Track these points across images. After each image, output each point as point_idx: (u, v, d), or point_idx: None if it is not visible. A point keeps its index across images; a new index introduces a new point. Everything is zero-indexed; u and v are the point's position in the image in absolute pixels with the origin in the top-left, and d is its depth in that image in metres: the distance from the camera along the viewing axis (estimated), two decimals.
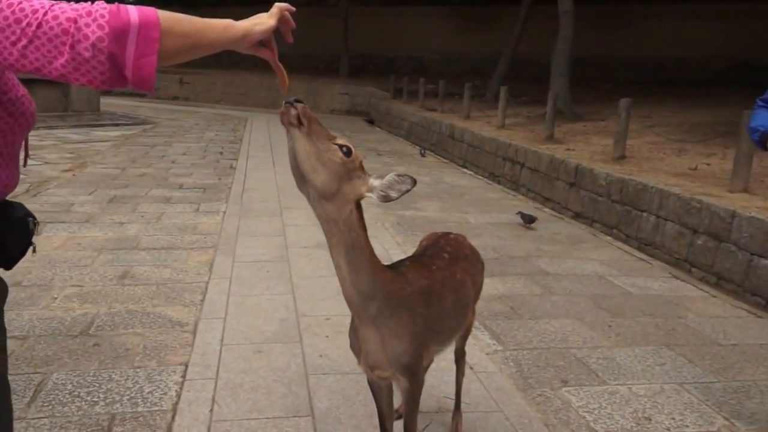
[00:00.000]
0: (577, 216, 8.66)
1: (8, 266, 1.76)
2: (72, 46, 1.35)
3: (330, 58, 31.17)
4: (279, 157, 12.93)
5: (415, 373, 2.47)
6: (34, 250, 1.85)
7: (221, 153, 13.33)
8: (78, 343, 4.11)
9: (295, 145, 2.04)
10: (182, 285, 5.31)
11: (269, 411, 3.39)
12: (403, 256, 6.36)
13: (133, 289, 5.16)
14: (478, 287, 3.05)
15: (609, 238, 7.69)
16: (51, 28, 1.35)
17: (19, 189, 8.37)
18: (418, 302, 2.42)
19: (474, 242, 7.10)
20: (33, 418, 3.21)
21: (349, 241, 2.18)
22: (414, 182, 2.12)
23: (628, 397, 3.77)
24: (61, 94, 17.66)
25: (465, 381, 3.62)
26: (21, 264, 5.17)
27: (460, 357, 3.32)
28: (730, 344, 4.63)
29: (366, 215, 2.22)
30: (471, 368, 3.99)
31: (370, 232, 2.26)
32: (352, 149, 2.12)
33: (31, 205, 7.49)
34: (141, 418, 3.27)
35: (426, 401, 3.57)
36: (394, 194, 2.11)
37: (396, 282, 2.37)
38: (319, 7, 30.55)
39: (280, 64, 1.82)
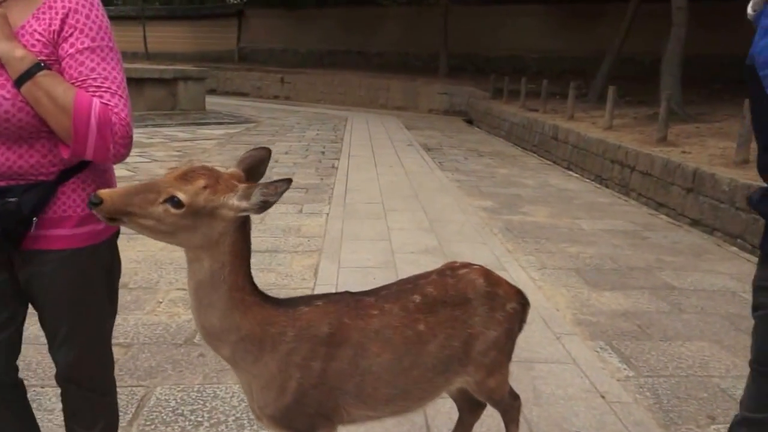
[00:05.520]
0: (695, 223, 8.04)
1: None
2: None
3: (428, 58, 30.79)
4: (380, 157, 12.75)
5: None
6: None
7: (323, 152, 13.27)
8: (182, 353, 3.95)
9: (136, 231, 1.82)
10: (287, 291, 5.10)
11: None
12: (513, 264, 6.02)
13: None
14: (486, 343, 2.36)
15: (734, 248, 7.05)
16: None
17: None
18: (302, 351, 2.01)
19: (589, 250, 6.59)
20: None
21: (207, 272, 1.87)
22: (290, 182, 1.80)
23: None
24: (169, 94, 18.09)
25: (597, 413, 3.28)
26: (128, 264, 5.03)
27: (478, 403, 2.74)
28: None
29: (472, 219, 1.88)
30: (603, 397, 3.60)
31: (478, 238, 1.92)
32: (180, 195, 1.77)
33: None
34: None
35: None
36: (273, 199, 1.80)
37: (270, 323, 1.98)
38: (419, 7, 30.30)
39: None
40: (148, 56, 37.37)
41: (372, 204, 8.40)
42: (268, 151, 2.05)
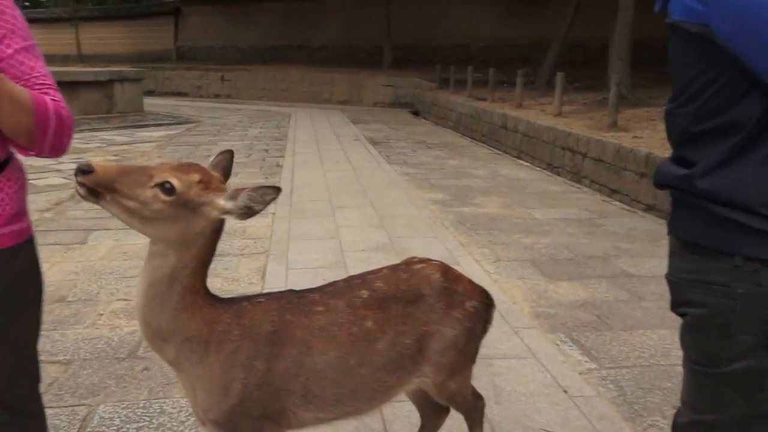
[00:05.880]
0: (649, 209, 8.06)
1: None
2: None
3: (372, 50, 30.60)
4: (326, 153, 12.57)
5: None
6: None
7: (266, 151, 13.01)
8: (126, 367, 3.74)
9: (113, 213, 1.75)
10: (234, 295, 4.91)
11: None
12: (467, 258, 5.92)
13: None
14: (444, 342, 2.24)
15: None
16: None
17: (64, 195, 8.11)
18: (246, 350, 1.94)
19: (544, 240, 6.52)
20: None
21: (168, 271, 1.82)
22: (278, 191, 1.78)
23: None
24: (105, 96, 17.57)
25: (561, 409, 3.20)
26: (66, 276, 4.80)
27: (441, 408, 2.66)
28: None
29: (423, 213, 1.77)
30: (565, 392, 3.52)
31: (430, 233, 1.81)
32: (175, 183, 1.73)
33: (75, 212, 7.16)
34: None
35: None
36: (258, 207, 1.80)
37: (217, 322, 1.91)
38: None
39: None
40: (82, 59, 36.36)
41: (319, 202, 8.24)
42: (232, 153, 2.05)
